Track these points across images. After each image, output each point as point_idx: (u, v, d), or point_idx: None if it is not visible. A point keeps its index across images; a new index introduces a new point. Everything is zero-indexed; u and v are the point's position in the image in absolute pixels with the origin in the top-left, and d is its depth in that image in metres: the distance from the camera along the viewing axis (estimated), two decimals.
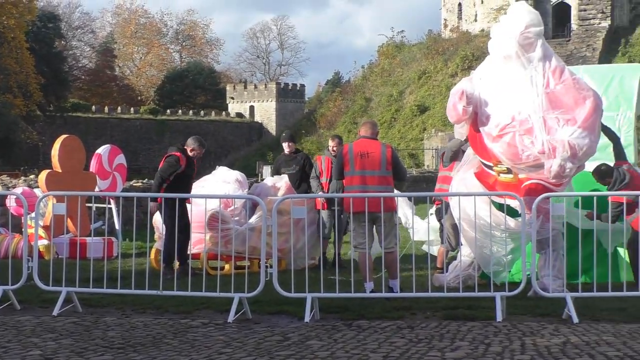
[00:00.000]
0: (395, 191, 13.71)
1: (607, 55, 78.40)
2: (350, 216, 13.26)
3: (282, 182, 17.40)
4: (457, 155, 14.78)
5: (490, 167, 13.48)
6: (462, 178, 13.92)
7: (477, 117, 13.28)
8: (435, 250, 15.38)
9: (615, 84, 15.59)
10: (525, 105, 12.89)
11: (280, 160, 18.19)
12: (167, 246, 15.17)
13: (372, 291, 12.60)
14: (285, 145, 18.12)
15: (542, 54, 13.21)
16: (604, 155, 14.23)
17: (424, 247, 15.90)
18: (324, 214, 16.50)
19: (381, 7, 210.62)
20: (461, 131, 14.18)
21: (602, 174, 13.91)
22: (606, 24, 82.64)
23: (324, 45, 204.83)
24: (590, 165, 13.86)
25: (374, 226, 13.06)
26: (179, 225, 13.18)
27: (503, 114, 12.99)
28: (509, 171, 13.21)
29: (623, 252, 13.91)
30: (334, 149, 16.66)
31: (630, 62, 68.28)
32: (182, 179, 15.89)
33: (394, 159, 13.37)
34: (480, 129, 13.23)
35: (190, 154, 16.21)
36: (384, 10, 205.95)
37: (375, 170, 13.13)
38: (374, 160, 13.17)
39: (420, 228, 16.17)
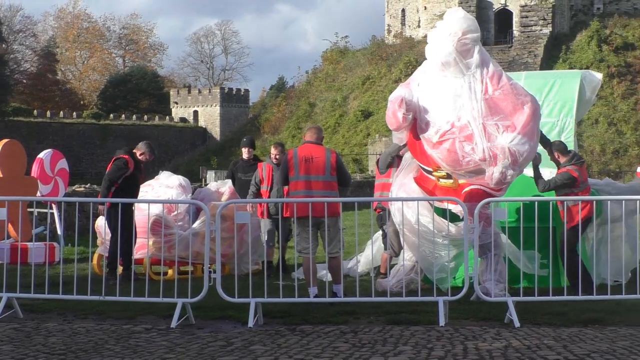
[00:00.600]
0: None
1: (549, 61, 79.21)
2: (294, 221, 13.23)
3: (226, 187, 17.36)
4: (394, 161, 14.81)
5: (429, 172, 13.53)
6: (402, 183, 13.94)
7: (416, 124, 13.31)
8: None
9: (555, 90, 15.75)
10: (465, 111, 12.96)
11: (238, 165, 17.94)
12: (111, 251, 15.04)
13: (316, 296, 12.60)
14: (245, 150, 17.94)
15: (479, 60, 13.29)
16: (545, 160, 14.35)
17: (367, 252, 15.92)
18: (264, 222, 16.32)
19: (326, 13, 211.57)
20: (400, 137, 14.19)
21: (562, 150, 14.06)
22: (547, 30, 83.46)
23: (268, 50, 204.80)
24: (528, 171, 13.98)
25: (319, 231, 13.07)
26: (123, 230, 13.10)
27: (442, 121, 13.03)
28: (448, 176, 13.27)
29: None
30: (277, 157, 16.55)
31: (570, 68, 69.06)
32: (129, 183, 15.79)
33: (339, 164, 13.39)
34: (420, 135, 13.25)
35: (139, 157, 16.13)
36: (329, 16, 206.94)
37: (320, 175, 13.14)
38: (319, 165, 13.17)
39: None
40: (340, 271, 13.08)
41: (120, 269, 14.50)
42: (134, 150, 16.26)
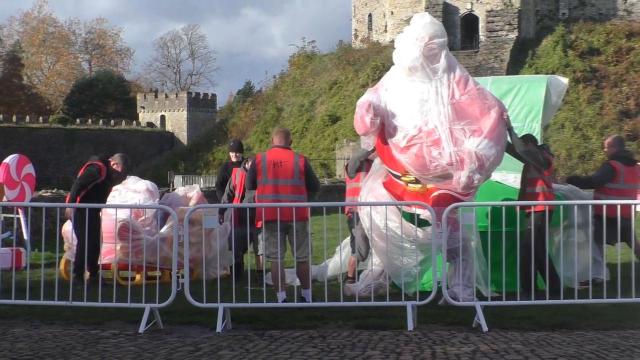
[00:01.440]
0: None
1: (515, 66, 79.68)
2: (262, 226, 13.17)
3: (194, 192, 17.32)
4: (362, 165, 14.81)
5: (398, 177, 13.56)
6: (371, 188, 13.95)
7: (384, 128, 13.34)
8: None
9: (522, 94, 15.83)
10: (432, 116, 13.00)
11: (229, 169, 17.20)
12: (78, 256, 14.97)
13: (284, 301, 12.59)
14: (232, 155, 17.56)
15: (446, 65, 13.35)
16: (511, 164, 14.42)
17: (336, 257, 15.92)
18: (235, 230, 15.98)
19: (293, 17, 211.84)
20: (368, 142, 14.22)
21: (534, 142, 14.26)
22: (513, 35, 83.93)
23: (235, 55, 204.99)
24: (496, 175, 14.05)
25: (287, 236, 13.06)
26: (90, 235, 13.04)
27: (410, 126, 13.06)
28: (417, 181, 13.31)
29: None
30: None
31: (536, 73, 69.56)
32: (99, 190, 15.72)
33: (307, 169, 13.41)
34: (388, 140, 13.28)
35: (112, 166, 16.06)
36: (296, 21, 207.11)
37: (289, 180, 13.15)
38: (287, 169, 13.18)
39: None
40: (309, 276, 13.10)
41: (87, 274, 14.44)
42: (109, 159, 16.18)
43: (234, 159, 17.36)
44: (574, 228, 13.71)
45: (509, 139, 13.47)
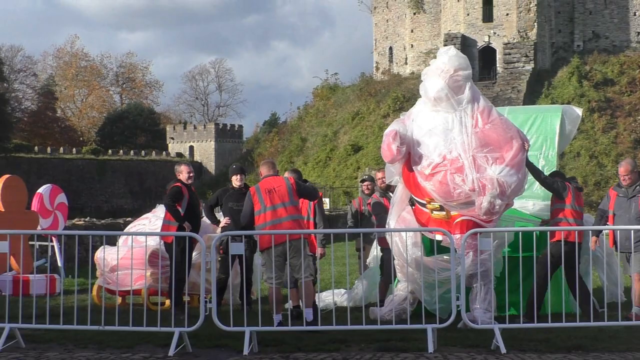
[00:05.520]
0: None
1: (531, 96, 79.47)
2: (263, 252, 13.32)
3: (222, 221, 17.28)
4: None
5: (423, 205, 13.57)
6: (403, 217, 13.96)
7: (410, 157, 13.40)
8: None
9: (537, 124, 15.84)
10: (456, 144, 13.06)
11: (229, 194, 16.15)
12: (176, 287, 14.15)
13: (279, 323, 12.58)
14: (235, 178, 16.17)
15: (470, 96, 13.42)
16: (530, 192, 14.45)
17: (358, 288, 15.88)
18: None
19: (319, 50, 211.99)
20: (392, 170, 14.25)
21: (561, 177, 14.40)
22: (530, 67, 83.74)
23: (264, 87, 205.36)
24: (518, 203, 14.04)
25: (286, 261, 13.03)
26: (183, 263, 13.28)
27: (435, 154, 13.13)
28: (441, 208, 13.31)
29: (550, 284, 14.04)
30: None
31: (552, 103, 69.39)
32: (191, 212, 15.48)
33: (298, 186, 13.79)
34: (414, 167, 13.34)
35: (187, 181, 15.70)
36: (322, 53, 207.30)
37: (286, 202, 13.44)
38: (282, 193, 13.49)
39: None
40: (312, 296, 13.24)
41: (167, 301, 14.47)
42: (178, 178, 15.76)
43: (236, 183, 16.22)
44: (589, 254, 13.74)
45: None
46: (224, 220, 15.57)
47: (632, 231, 13.28)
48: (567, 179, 14.45)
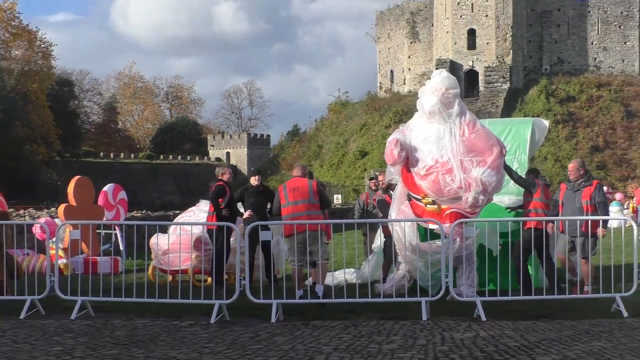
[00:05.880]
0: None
1: (508, 110, 79.38)
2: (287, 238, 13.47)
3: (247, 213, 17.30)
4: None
5: (419, 200, 13.59)
6: (401, 210, 13.97)
7: (408, 160, 13.45)
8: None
9: (512, 133, 15.81)
10: (446, 150, 13.13)
11: (249, 191, 16.32)
12: (217, 266, 13.73)
13: (300, 297, 12.63)
14: (254, 178, 16.57)
15: (459, 110, 13.48)
16: (506, 189, 14.46)
17: (364, 269, 15.87)
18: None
19: (334, 72, 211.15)
20: (393, 171, 14.26)
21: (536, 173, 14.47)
22: (506, 86, 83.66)
23: (288, 103, 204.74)
24: (496, 198, 14.05)
25: (308, 246, 12.98)
26: (222, 248, 13.41)
27: (429, 158, 13.19)
28: (434, 202, 13.33)
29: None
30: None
31: (525, 116, 69.06)
32: (231, 203, 15.38)
33: (319, 189, 13.82)
34: (411, 169, 13.39)
35: (227, 180, 15.67)
36: (336, 75, 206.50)
37: (305, 199, 13.50)
38: (304, 191, 13.56)
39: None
40: (324, 275, 13.34)
41: (208, 279, 14.53)
42: (219, 178, 15.74)
43: (255, 182, 16.43)
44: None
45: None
46: (246, 213, 15.65)
47: (578, 221, 13.05)
48: (538, 176, 14.48)
